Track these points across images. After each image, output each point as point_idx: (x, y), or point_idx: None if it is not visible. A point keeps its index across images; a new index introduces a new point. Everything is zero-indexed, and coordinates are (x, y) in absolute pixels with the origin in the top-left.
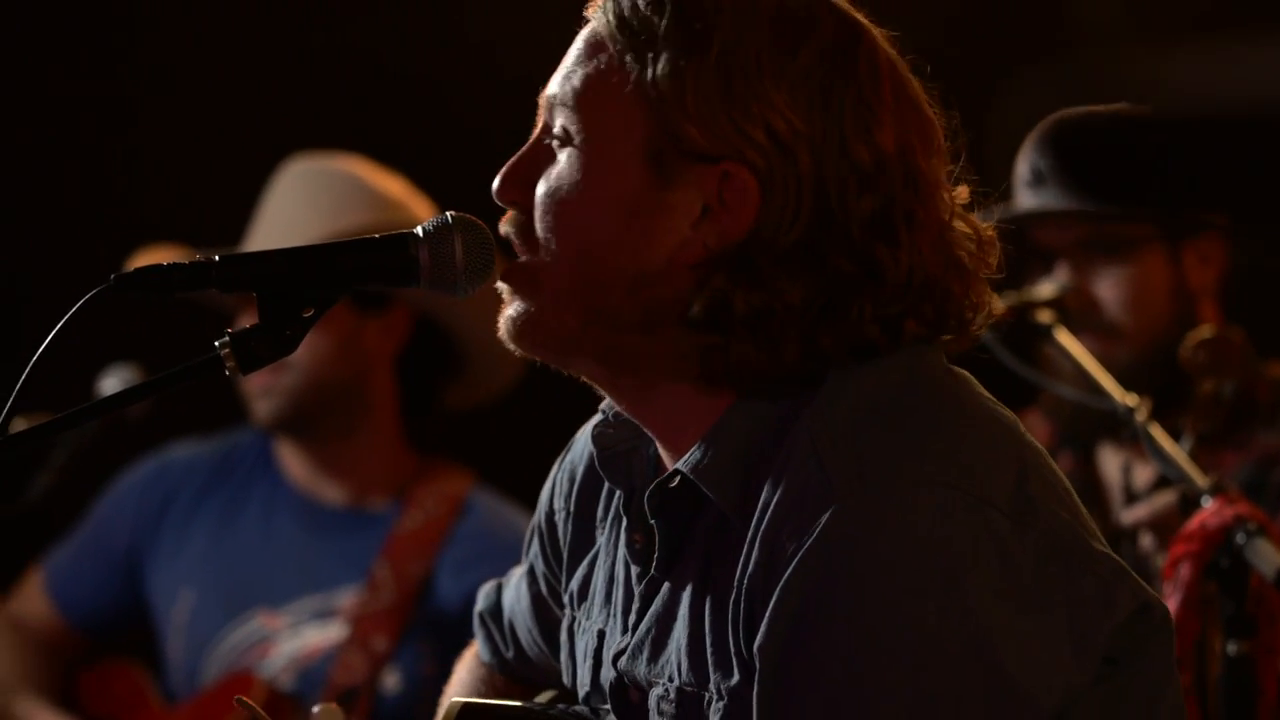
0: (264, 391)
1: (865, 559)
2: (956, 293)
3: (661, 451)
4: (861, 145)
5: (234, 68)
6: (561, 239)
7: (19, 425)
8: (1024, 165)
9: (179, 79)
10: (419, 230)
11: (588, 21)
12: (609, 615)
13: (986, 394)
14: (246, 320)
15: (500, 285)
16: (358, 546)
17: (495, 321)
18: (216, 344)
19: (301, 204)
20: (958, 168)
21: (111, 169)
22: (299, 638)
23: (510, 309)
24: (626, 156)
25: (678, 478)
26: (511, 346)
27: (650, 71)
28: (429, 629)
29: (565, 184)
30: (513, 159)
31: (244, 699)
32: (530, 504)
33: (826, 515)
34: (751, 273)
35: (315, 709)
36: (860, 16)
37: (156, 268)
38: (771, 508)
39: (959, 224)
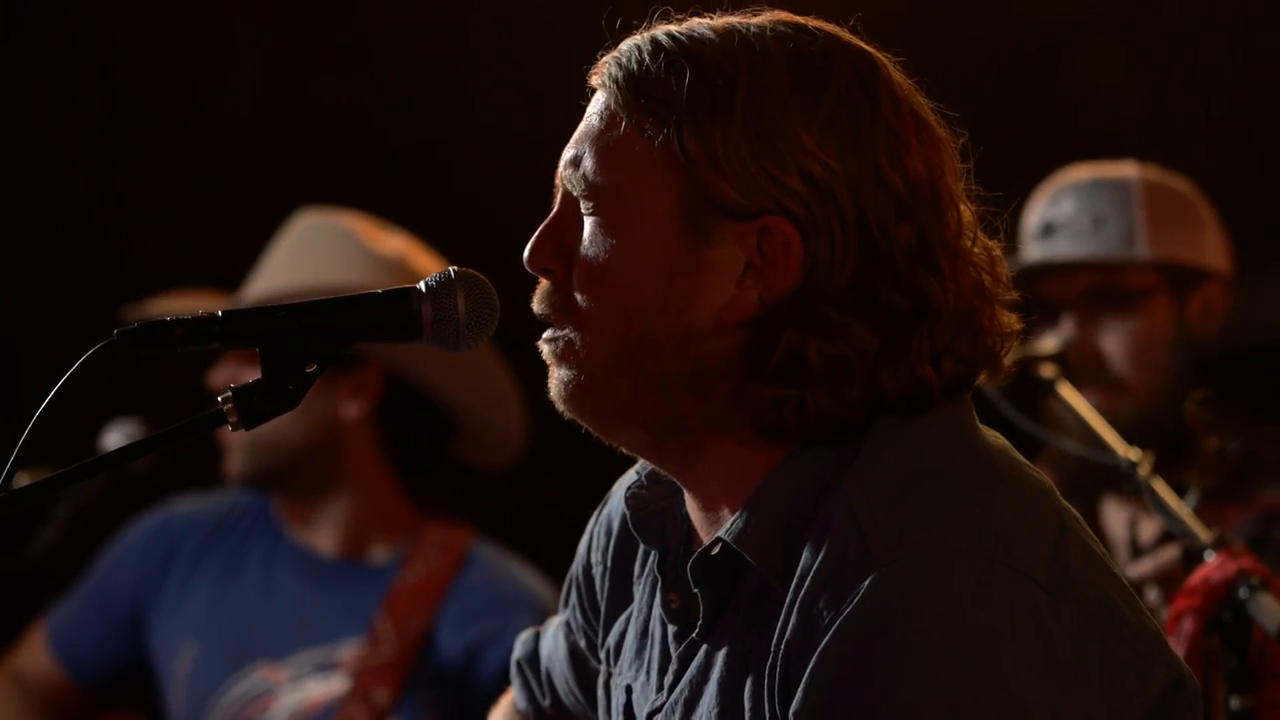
0: (235, 446)
1: (903, 629)
2: (986, 324)
3: (694, 512)
4: (895, 174)
5: (241, 119)
6: (605, 306)
7: (22, 480)
8: (1032, 218)
9: (183, 132)
10: (421, 285)
11: (593, 88)
12: (639, 670)
13: (1020, 456)
14: (228, 367)
15: (544, 351)
16: (358, 599)
17: (470, 378)
18: (219, 399)
19: (290, 257)
20: (968, 185)
21: (112, 224)
22: (301, 690)
23: (559, 374)
24: (660, 220)
25: (719, 545)
26: (562, 410)
27: (675, 134)
28: (430, 682)
29: (601, 252)
30: (541, 228)
31: None
32: (532, 559)
33: (865, 583)
34: (819, 322)
35: None
36: (870, 47)
37: (159, 323)
38: (811, 573)
39: (976, 245)
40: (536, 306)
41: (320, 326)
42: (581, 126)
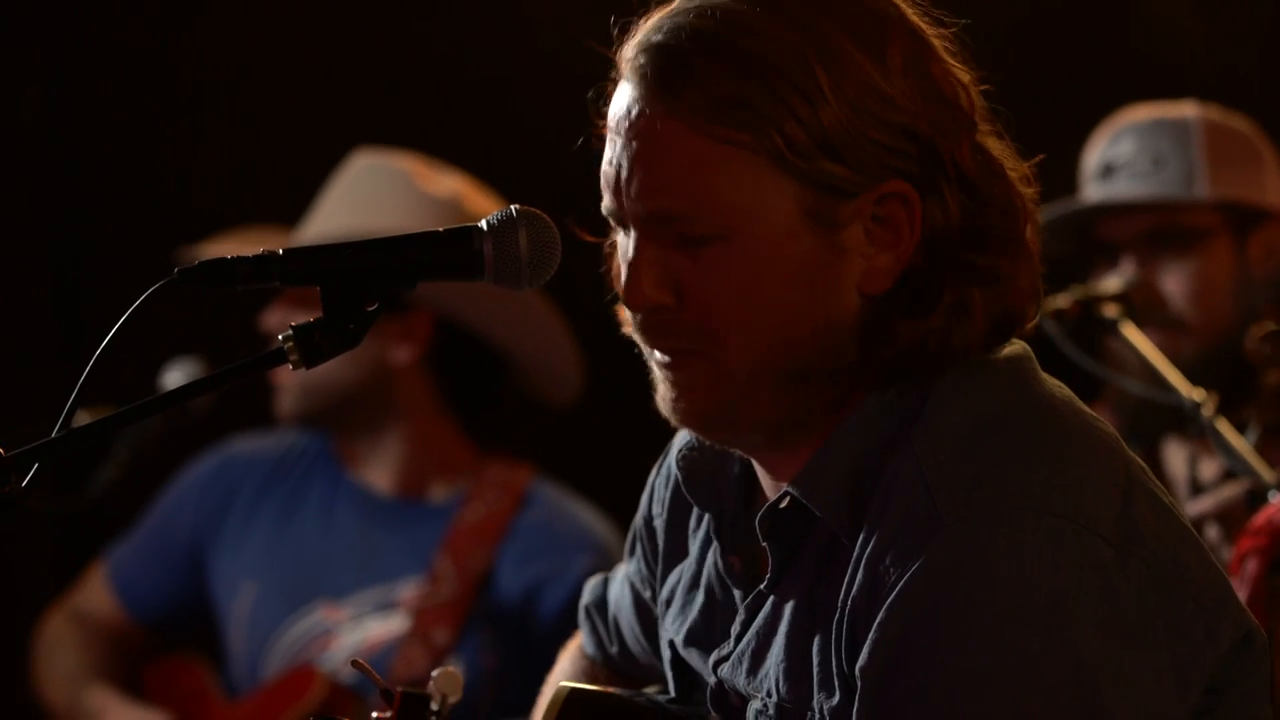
0: (286, 386)
1: (969, 586)
2: (1024, 287)
3: (760, 469)
4: (960, 103)
5: (299, 58)
6: (751, 326)
7: (83, 419)
8: (1092, 158)
9: (242, 71)
10: (483, 224)
11: (642, 101)
12: (681, 625)
13: (1084, 406)
14: (280, 309)
15: (669, 376)
16: (418, 538)
17: (519, 320)
18: (280, 337)
19: (343, 200)
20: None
21: (173, 162)
22: (361, 630)
23: (695, 397)
24: (789, 226)
25: (787, 498)
26: (699, 433)
27: (773, 136)
28: (490, 621)
29: (735, 275)
30: (636, 264)
31: (360, 661)
32: (592, 498)
33: (932, 541)
34: (952, 263)
35: (434, 672)
36: None
37: (220, 261)
38: (878, 529)
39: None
40: (657, 341)
41: (382, 265)
42: (655, 154)
